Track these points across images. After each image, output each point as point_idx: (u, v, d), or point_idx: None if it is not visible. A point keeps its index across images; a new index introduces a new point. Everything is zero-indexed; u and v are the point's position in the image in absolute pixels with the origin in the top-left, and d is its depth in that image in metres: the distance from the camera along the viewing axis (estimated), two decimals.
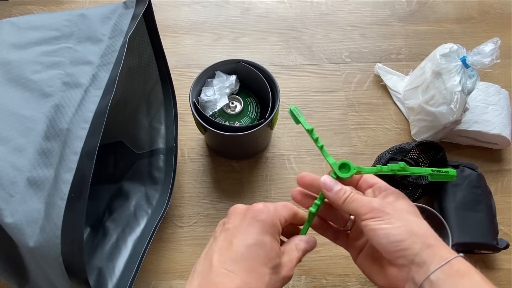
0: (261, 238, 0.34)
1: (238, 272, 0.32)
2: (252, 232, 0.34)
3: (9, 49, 0.45)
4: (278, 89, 0.58)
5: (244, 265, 0.32)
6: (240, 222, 0.35)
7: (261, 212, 0.35)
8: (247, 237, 0.34)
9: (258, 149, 0.67)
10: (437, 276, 0.32)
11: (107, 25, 0.48)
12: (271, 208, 0.36)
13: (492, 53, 0.55)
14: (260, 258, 0.33)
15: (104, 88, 0.42)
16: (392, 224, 0.35)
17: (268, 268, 0.33)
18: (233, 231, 0.35)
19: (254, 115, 0.62)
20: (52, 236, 0.35)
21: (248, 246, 0.33)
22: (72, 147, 0.38)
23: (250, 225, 0.35)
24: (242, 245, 0.33)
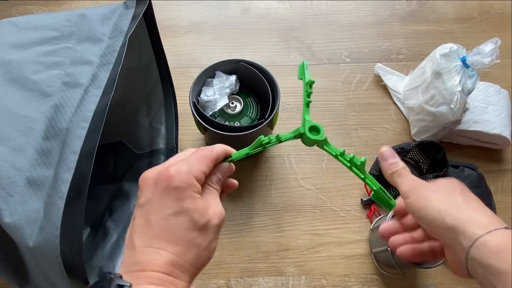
0: (179, 205, 0.31)
1: (164, 246, 0.30)
2: (167, 203, 0.31)
3: (9, 49, 0.45)
4: (278, 89, 0.58)
5: (169, 237, 0.30)
6: (153, 195, 0.32)
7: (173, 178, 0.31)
8: (164, 209, 0.31)
9: None
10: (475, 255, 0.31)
11: (107, 25, 0.48)
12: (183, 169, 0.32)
13: (492, 53, 0.55)
14: (183, 225, 0.31)
15: (104, 87, 0.42)
16: (423, 203, 0.35)
17: (195, 231, 0.31)
18: (147, 206, 0.32)
19: (254, 115, 0.62)
20: (51, 236, 0.35)
21: (166, 218, 0.31)
22: (72, 146, 0.38)
23: (164, 195, 0.31)
24: (161, 219, 0.31)
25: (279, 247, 0.60)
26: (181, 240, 0.31)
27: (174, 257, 0.30)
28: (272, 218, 0.62)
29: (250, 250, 0.60)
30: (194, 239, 0.31)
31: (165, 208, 0.31)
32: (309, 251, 0.60)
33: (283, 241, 0.61)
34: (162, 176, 0.32)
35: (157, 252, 0.30)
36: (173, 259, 0.30)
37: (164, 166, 0.33)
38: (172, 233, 0.31)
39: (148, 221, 0.31)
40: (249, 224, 0.62)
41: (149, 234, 0.31)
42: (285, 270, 0.59)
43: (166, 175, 0.32)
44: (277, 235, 0.61)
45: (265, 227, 0.62)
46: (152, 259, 0.30)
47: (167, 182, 0.31)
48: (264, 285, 0.58)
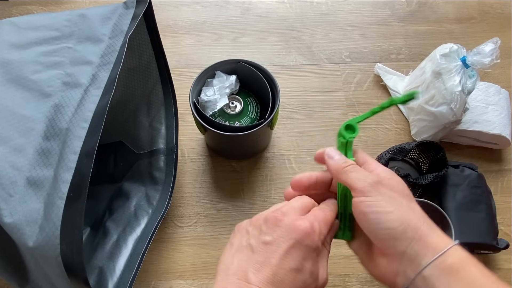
0: (302, 263, 0.32)
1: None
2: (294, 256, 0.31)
3: (9, 49, 0.45)
4: (278, 89, 0.58)
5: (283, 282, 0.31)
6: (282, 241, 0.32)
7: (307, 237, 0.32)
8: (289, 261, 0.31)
9: (258, 149, 0.67)
10: (430, 271, 0.30)
11: (107, 25, 0.48)
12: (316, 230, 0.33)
13: (492, 53, 0.55)
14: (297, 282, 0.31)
15: (104, 87, 0.42)
16: (382, 207, 0.32)
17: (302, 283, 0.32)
18: (273, 248, 0.32)
19: (254, 115, 0.62)
20: (51, 236, 0.35)
21: (288, 271, 0.31)
22: (72, 146, 0.38)
23: (294, 248, 0.32)
24: (282, 269, 0.31)
25: None
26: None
27: None
28: None
29: None
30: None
31: (291, 260, 0.31)
32: None
33: None
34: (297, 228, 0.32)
35: None
36: None
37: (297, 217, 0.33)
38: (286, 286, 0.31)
39: (269, 263, 0.31)
40: None
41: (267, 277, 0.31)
42: None
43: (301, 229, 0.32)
44: None
45: None
46: None
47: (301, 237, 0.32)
48: None
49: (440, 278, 0.30)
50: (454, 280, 0.29)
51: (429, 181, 0.59)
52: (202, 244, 0.61)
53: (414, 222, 0.32)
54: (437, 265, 0.30)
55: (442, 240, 0.31)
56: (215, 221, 0.62)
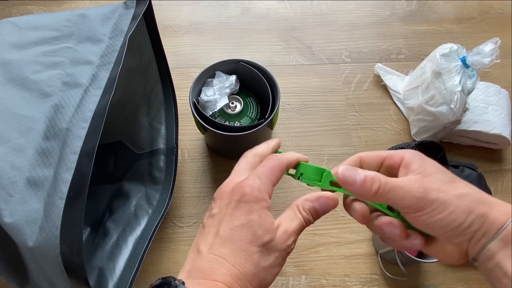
0: (246, 218, 0.32)
1: (226, 256, 0.31)
2: (237, 215, 0.32)
3: (9, 49, 0.45)
4: (278, 89, 0.58)
5: (231, 248, 0.31)
6: (226, 207, 0.33)
7: (246, 194, 0.33)
8: (233, 221, 0.32)
9: None
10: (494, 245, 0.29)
11: (107, 25, 0.48)
12: (255, 184, 0.33)
13: (492, 53, 0.55)
14: (246, 237, 0.31)
15: (104, 87, 0.42)
16: (445, 211, 0.29)
17: (256, 247, 0.31)
18: (219, 216, 0.33)
19: (254, 115, 0.62)
20: (51, 236, 0.35)
21: (233, 229, 0.32)
22: (72, 146, 0.38)
23: (236, 208, 0.32)
24: (228, 229, 0.32)
25: None
26: (242, 252, 0.31)
27: (234, 269, 0.30)
28: None
29: None
30: (252, 254, 0.31)
31: (234, 219, 0.32)
32: (309, 251, 0.60)
33: None
34: (237, 191, 0.33)
35: (219, 260, 0.30)
36: (234, 271, 0.30)
37: (237, 180, 0.34)
38: (235, 244, 0.31)
39: (217, 230, 0.32)
40: None
41: (215, 242, 0.31)
42: (285, 270, 0.59)
43: (240, 190, 0.33)
44: None
45: None
46: (215, 268, 0.30)
47: (240, 196, 0.32)
48: None
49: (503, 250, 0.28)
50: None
51: None
52: None
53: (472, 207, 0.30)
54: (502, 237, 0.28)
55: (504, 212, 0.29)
56: None
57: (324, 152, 0.67)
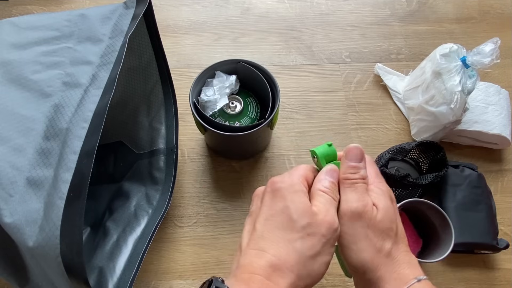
0: (280, 205, 0.31)
1: (265, 248, 0.29)
2: (271, 204, 0.32)
3: (9, 49, 0.45)
4: (278, 89, 0.58)
5: (270, 238, 0.30)
6: (261, 202, 0.33)
7: (276, 182, 0.33)
8: (267, 211, 0.31)
9: (258, 149, 0.67)
10: None
11: (107, 25, 0.48)
12: (286, 175, 0.34)
13: (492, 53, 0.55)
14: (283, 225, 0.30)
15: (104, 87, 0.42)
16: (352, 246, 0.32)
17: (296, 233, 0.30)
18: (256, 212, 0.33)
19: (254, 115, 0.62)
20: (51, 236, 0.35)
21: (268, 218, 0.31)
22: (72, 146, 0.38)
23: (269, 200, 0.32)
24: (263, 220, 0.31)
25: None
26: (280, 241, 0.30)
27: (274, 259, 0.29)
28: None
29: None
30: (293, 242, 0.30)
31: (268, 210, 0.31)
32: None
33: None
34: (269, 185, 0.33)
35: (258, 254, 0.30)
36: (273, 261, 0.29)
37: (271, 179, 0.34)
38: (273, 233, 0.30)
39: (254, 225, 0.32)
40: None
41: (253, 237, 0.31)
42: None
43: (272, 182, 0.33)
44: None
45: None
46: (253, 261, 0.29)
47: (272, 187, 0.33)
48: None
49: None
50: None
51: (429, 181, 0.59)
52: (202, 244, 0.61)
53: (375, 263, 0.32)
54: None
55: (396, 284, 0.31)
56: (215, 221, 0.62)
57: None
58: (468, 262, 0.59)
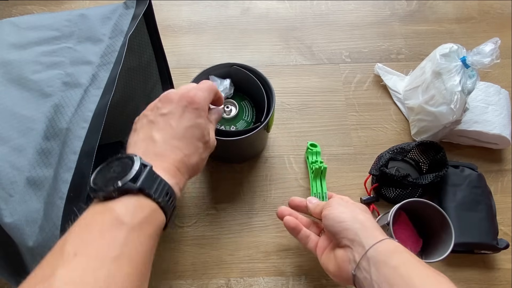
0: (196, 121, 0.40)
1: (180, 148, 0.38)
2: (188, 117, 0.40)
3: (9, 49, 0.45)
4: (273, 91, 0.57)
5: (185, 142, 0.39)
6: (175, 109, 0.40)
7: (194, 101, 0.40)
8: (185, 120, 0.39)
9: (256, 152, 0.67)
10: (372, 253, 0.39)
11: (107, 25, 0.48)
12: (202, 96, 0.41)
13: (492, 53, 0.55)
14: (196, 136, 0.40)
15: (104, 87, 0.42)
16: (339, 209, 0.46)
17: (201, 143, 0.41)
18: (169, 115, 0.39)
19: (249, 118, 0.62)
20: (51, 235, 0.35)
21: (187, 128, 0.39)
22: (72, 146, 0.38)
23: (185, 112, 0.40)
24: (182, 127, 0.39)
25: (279, 247, 0.60)
26: (192, 146, 0.39)
27: (184, 158, 0.38)
28: (272, 218, 0.62)
29: (250, 250, 0.60)
30: (199, 148, 0.40)
31: (186, 120, 0.39)
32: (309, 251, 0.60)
33: (283, 241, 0.61)
34: (185, 98, 0.40)
35: (174, 150, 0.38)
36: (183, 159, 0.38)
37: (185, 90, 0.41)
38: (187, 139, 0.39)
39: (169, 125, 0.39)
40: (249, 224, 0.62)
41: (169, 134, 0.38)
42: (285, 270, 0.59)
43: (189, 97, 0.40)
44: (277, 235, 0.61)
45: (265, 227, 0.62)
46: (169, 154, 0.37)
47: (189, 102, 0.40)
48: (264, 285, 0.58)
49: (379, 257, 0.39)
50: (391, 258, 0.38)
51: (429, 181, 0.59)
52: (202, 244, 0.61)
53: (361, 219, 0.44)
54: (376, 248, 0.40)
55: (381, 233, 0.42)
56: (215, 221, 0.62)
57: (324, 152, 0.67)
58: (468, 262, 0.59)
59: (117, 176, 0.32)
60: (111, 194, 0.31)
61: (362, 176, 0.65)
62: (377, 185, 0.63)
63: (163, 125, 0.39)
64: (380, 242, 0.40)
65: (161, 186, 0.34)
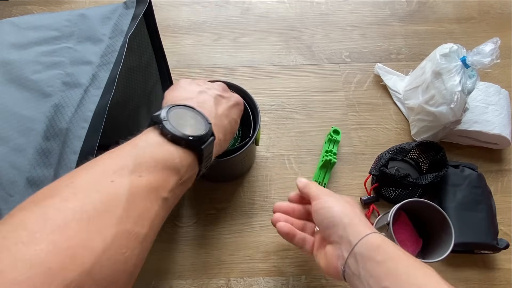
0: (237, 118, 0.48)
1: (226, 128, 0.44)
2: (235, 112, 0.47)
3: (9, 49, 0.45)
4: (258, 107, 0.56)
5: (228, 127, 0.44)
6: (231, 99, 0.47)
7: (240, 103, 0.49)
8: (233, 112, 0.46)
9: (246, 168, 0.65)
10: (358, 249, 0.40)
11: (107, 25, 0.48)
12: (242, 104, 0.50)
13: (492, 53, 0.55)
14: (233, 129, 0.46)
15: (104, 88, 0.42)
16: (328, 203, 0.45)
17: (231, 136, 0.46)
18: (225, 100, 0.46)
19: (236, 134, 0.61)
20: None
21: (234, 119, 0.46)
22: (72, 146, 0.38)
23: (235, 108, 0.47)
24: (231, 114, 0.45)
25: (279, 247, 0.60)
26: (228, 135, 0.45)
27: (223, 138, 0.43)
28: None
29: (250, 250, 0.60)
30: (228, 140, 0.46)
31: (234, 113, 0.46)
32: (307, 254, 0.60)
33: (283, 241, 0.61)
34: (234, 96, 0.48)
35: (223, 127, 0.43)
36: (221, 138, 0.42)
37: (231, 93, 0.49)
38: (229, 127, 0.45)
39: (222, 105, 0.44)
40: (249, 224, 0.62)
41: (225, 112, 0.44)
42: (285, 270, 0.59)
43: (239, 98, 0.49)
44: (277, 235, 0.61)
45: (265, 227, 0.62)
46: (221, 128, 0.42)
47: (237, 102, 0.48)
48: (264, 285, 0.58)
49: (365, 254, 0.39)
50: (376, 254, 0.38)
51: (429, 181, 0.59)
52: (202, 244, 0.61)
53: (350, 214, 0.44)
54: (362, 244, 0.40)
55: (368, 228, 0.42)
56: (215, 221, 0.62)
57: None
58: (468, 262, 0.59)
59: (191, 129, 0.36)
60: (180, 141, 0.34)
61: (362, 176, 0.65)
62: (377, 185, 0.63)
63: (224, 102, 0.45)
64: (366, 238, 0.40)
65: (209, 151, 0.38)
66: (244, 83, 0.73)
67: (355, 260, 0.40)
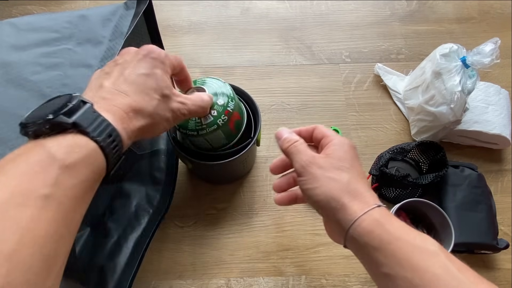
0: (152, 70, 0.36)
1: (128, 93, 0.34)
2: (143, 65, 0.36)
3: (8, 50, 0.45)
4: (258, 109, 0.56)
5: (135, 88, 0.35)
6: (132, 58, 0.37)
7: (152, 51, 0.37)
8: (139, 68, 0.36)
9: (247, 169, 0.65)
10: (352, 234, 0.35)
11: (108, 27, 0.48)
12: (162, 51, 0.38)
13: (492, 53, 0.55)
14: (150, 85, 0.36)
15: None
16: (310, 185, 0.37)
17: (157, 95, 0.36)
18: (125, 64, 0.36)
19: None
20: None
21: (139, 75, 0.35)
22: None
23: (142, 60, 0.36)
24: (133, 73, 0.35)
25: (279, 247, 0.60)
26: (143, 94, 0.35)
27: (133, 102, 0.34)
28: (272, 218, 0.62)
29: (250, 250, 0.60)
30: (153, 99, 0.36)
31: (140, 68, 0.36)
32: (309, 251, 0.60)
33: (283, 241, 0.61)
34: (144, 48, 0.37)
35: (122, 95, 0.34)
36: (131, 104, 0.34)
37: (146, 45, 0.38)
38: (138, 85, 0.35)
39: (121, 74, 0.35)
40: (249, 224, 0.62)
41: (119, 81, 0.35)
42: (285, 270, 0.59)
43: (147, 48, 0.37)
44: (277, 235, 0.61)
45: (265, 227, 0.62)
46: (115, 98, 0.33)
47: (148, 52, 0.37)
48: (264, 285, 0.58)
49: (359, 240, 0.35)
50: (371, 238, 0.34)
51: (429, 181, 0.59)
52: (202, 244, 0.61)
53: (336, 194, 0.36)
54: (355, 229, 0.35)
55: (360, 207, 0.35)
56: (215, 221, 0.62)
57: None
58: (468, 262, 0.58)
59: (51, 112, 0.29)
60: (42, 128, 0.28)
61: None
62: (377, 185, 0.63)
63: (116, 74, 0.36)
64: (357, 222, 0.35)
65: (103, 126, 0.30)
66: (244, 83, 0.73)
67: (352, 244, 0.36)
